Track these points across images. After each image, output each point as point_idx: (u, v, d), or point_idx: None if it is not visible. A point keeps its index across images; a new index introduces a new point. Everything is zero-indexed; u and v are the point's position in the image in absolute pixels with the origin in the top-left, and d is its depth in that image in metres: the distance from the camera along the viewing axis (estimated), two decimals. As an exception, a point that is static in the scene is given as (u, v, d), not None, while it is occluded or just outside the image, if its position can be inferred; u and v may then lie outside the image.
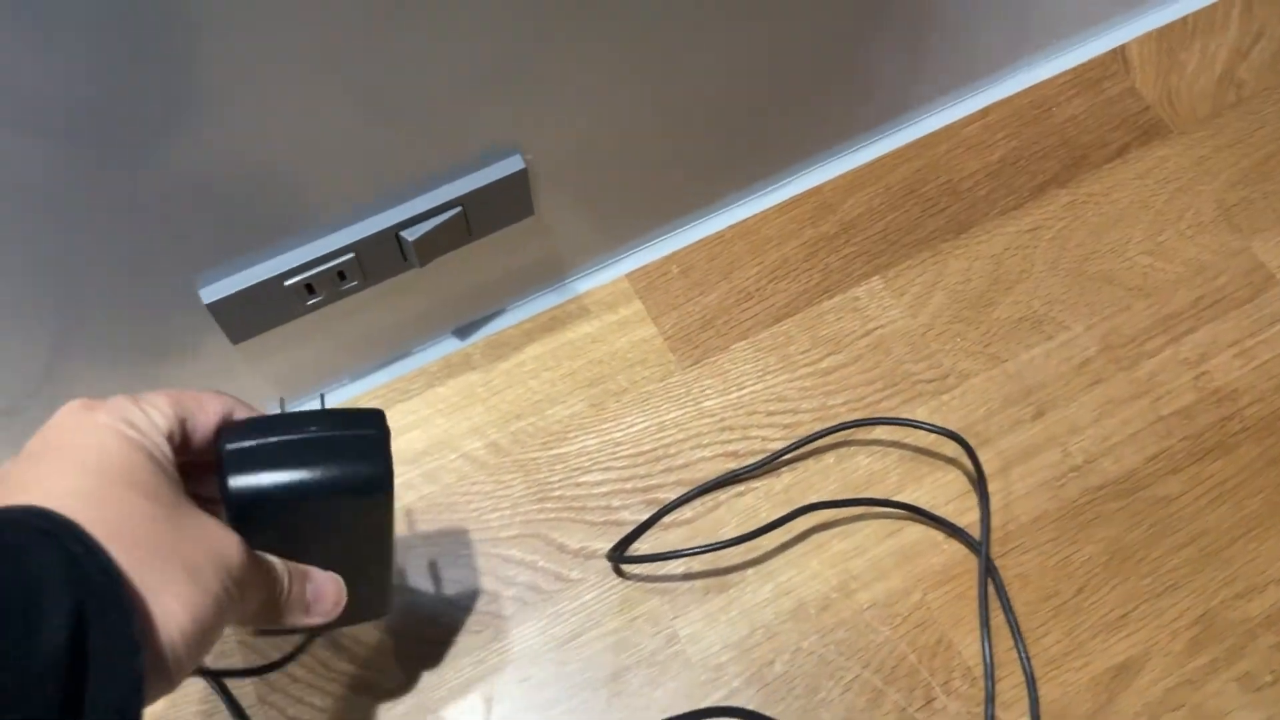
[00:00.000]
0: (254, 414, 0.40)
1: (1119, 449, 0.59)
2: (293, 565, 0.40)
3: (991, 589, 0.55)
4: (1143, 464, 0.58)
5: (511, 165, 0.51)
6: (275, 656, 0.54)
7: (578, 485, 0.59)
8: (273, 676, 0.54)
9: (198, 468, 0.38)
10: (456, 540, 0.57)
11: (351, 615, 0.43)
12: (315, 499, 0.38)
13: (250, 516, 0.38)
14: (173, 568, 0.32)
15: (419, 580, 0.56)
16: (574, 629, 0.55)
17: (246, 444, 0.37)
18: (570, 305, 0.63)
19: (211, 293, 0.48)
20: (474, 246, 0.56)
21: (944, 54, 0.64)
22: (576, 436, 0.60)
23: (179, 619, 0.31)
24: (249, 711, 0.53)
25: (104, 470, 0.33)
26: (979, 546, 0.56)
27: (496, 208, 0.53)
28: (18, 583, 0.27)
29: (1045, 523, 0.57)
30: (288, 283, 0.49)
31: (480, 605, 0.56)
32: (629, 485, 0.59)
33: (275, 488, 0.37)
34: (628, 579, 0.56)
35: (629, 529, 0.57)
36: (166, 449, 0.35)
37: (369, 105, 0.44)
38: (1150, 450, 0.59)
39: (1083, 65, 0.70)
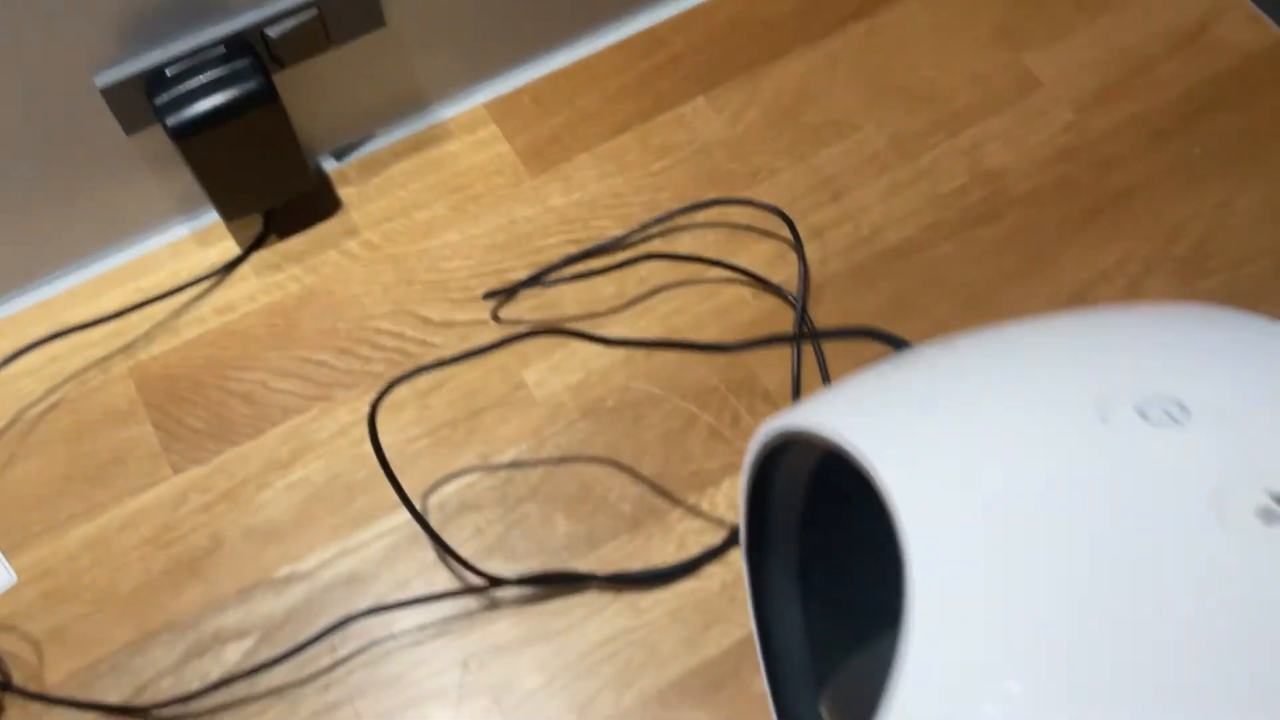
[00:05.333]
0: None
1: (902, 221, 0.69)
2: None
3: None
4: (920, 231, 0.69)
5: (359, -28, 0.60)
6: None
7: (441, 271, 0.68)
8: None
9: None
10: (335, 319, 0.67)
11: (283, 193, 0.66)
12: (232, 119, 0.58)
13: (190, 142, 0.58)
14: None
15: (301, 350, 0.66)
16: (437, 382, 0.65)
17: (169, 94, 0.57)
18: (435, 129, 0.73)
19: (106, 77, 0.57)
20: (339, 63, 0.65)
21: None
22: (440, 233, 0.69)
23: None
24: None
25: None
26: (794, 298, 0.66)
27: (350, 14, 0.62)
28: None
29: (839, 280, 0.67)
30: (169, 70, 0.58)
31: (356, 367, 0.65)
32: (486, 269, 0.68)
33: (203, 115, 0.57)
34: (497, 321, 0.66)
35: (487, 298, 0.66)
36: None
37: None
38: (927, 220, 0.69)
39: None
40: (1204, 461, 0.22)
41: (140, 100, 0.59)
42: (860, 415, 0.27)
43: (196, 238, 0.70)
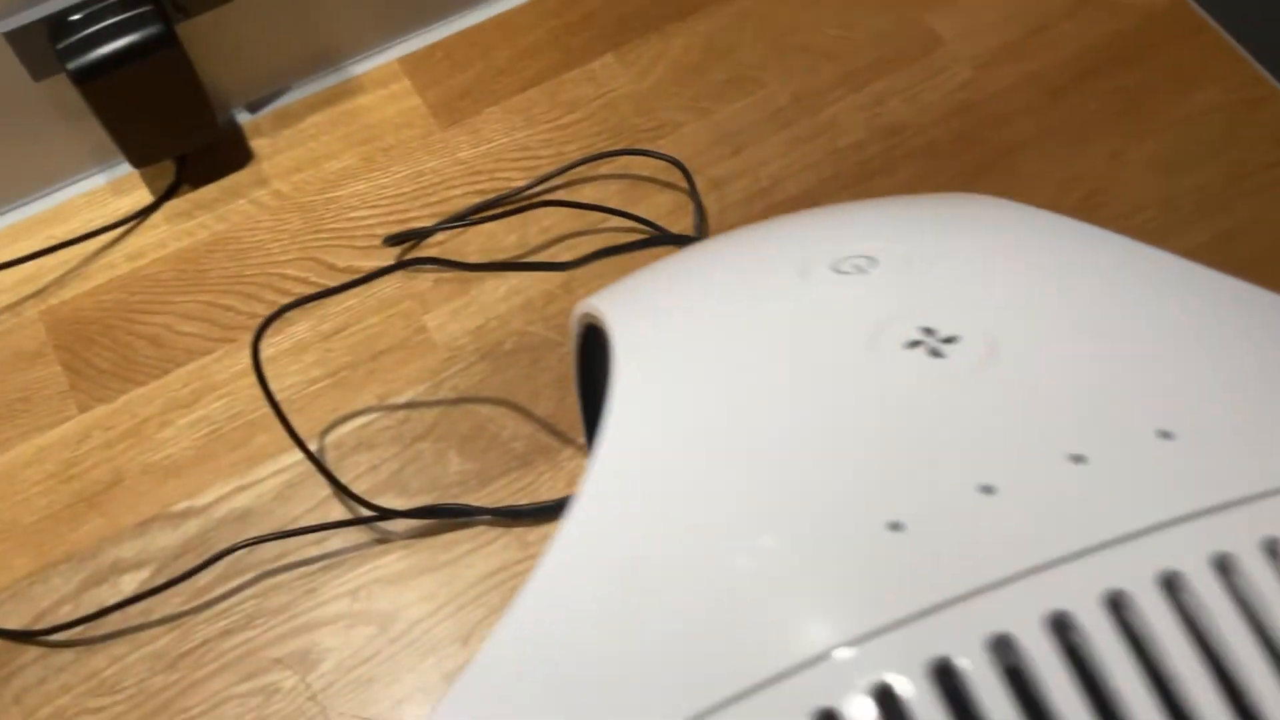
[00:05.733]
0: None
1: (800, 174, 0.71)
2: None
3: (685, 279, 0.67)
4: (818, 184, 0.70)
5: (257, -78, 0.62)
6: (84, 354, 0.65)
7: (348, 220, 0.70)
8: (83, 370, 0.64)
9: None
10: (242, 265, 0.68)
11: (189, 141, 0.68)
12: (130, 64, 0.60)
13: (91, 87, 0.60)
14: None
15: (207, 295, 0.67)
16: (339, 325, 0.66)
17: (71, 39, 0.59)
18: (349, 83, 0.74)
19: (10, 23, 0.59)
20: (251, 16, 0.67)
21: None
22: (348, 184, 0.71)
23: None
24: (61, 396, 0.64)
25: None
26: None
27: (251, -36, 0.63)
28: None
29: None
30: (72, 17, 0.60)
31: (261, 310, 0.67)
32: (392, 218, 0.70)
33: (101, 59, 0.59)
34: (399, 265, 0.67)
35: (387, 244, 0.68)
36: None
37: None
38: (826, 173, 0.70)
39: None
40: (872, 302, 0.23)
41: (45, 46, 0.61)
42: (618, 292, 0.29)
43: (112, 187, 0.71)
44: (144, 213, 0.70)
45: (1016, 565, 0.18)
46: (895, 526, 0.20)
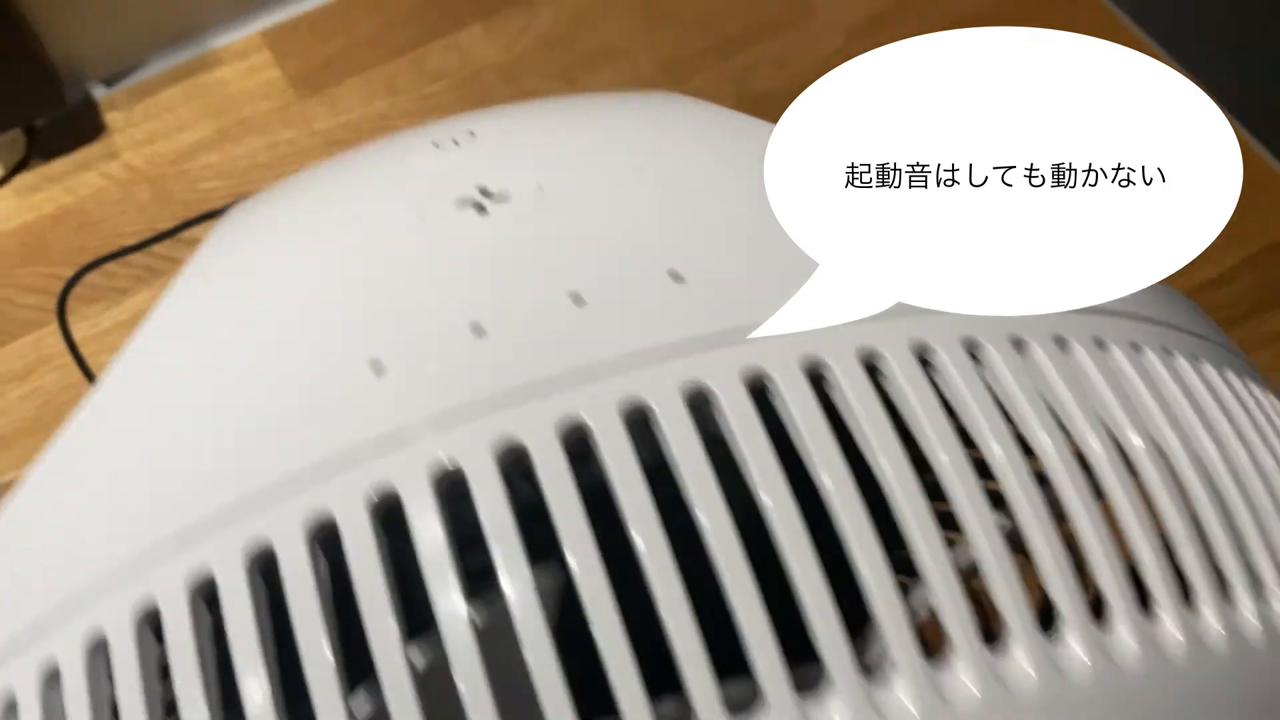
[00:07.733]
0: None
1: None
2: None
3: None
4: (682, 150, 0.69)
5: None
6: None
7: (198, 191, 0.68)
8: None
9: None
10: (87, 238, 0.66)
11: (29, 112, 0.65)
12: None
13: None
14: None
15: (49, 267, 0.65)
16: (181, 296, 0.64)
17: None
18: (207, 57, 0.73)
19: None
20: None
21: None
22: (202, 155, 0.69)
23: None
24: None
25: None
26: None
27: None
28: None
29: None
30: None
31: (101, 283, 0.65)
32: (243, 189, 0.68)
33: None
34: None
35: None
36: None
37: None
38: (690, 140, 0.69)
39: None
40: (439, 171, 0.22)
41: None
42: (249, 202, 0.28)
43: (-40, 162, 0.69)
44: (-10, 186, 0.68)
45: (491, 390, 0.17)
46: (376, 366, 0.18)
